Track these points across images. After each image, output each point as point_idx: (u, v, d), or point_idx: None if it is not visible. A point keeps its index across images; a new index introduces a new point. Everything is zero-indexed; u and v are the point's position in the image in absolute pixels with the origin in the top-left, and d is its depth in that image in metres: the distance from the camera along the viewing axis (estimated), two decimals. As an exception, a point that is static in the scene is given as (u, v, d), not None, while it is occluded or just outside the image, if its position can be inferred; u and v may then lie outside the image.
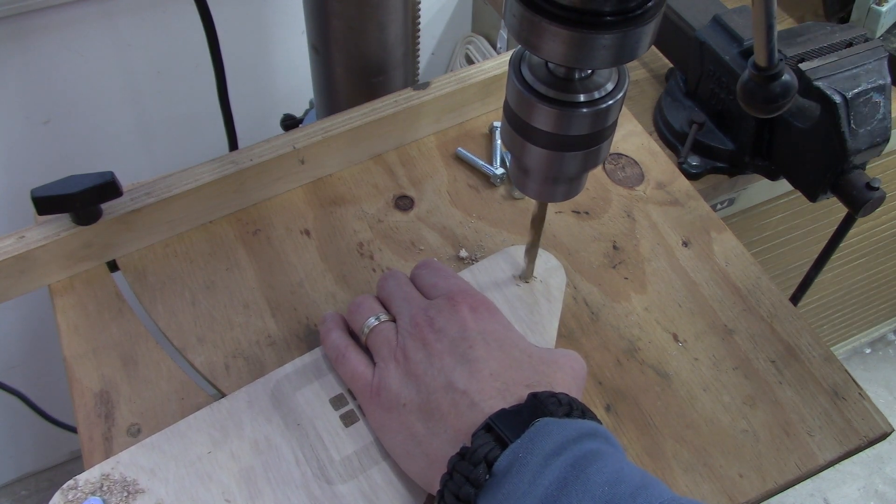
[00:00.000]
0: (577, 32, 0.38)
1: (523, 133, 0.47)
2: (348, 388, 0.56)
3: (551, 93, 0.44)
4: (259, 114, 1.19)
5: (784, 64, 0.38)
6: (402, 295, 0.56)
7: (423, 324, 0.52)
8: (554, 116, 0.44)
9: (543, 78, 0.44)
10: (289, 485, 0.51)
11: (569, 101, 0.44)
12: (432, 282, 0.57)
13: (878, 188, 0.72)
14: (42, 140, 1.04)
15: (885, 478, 1.70)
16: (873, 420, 0.59)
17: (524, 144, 0.47)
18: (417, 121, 0.72)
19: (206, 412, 0.55)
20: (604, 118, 0.45)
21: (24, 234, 0.61)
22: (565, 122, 0.45)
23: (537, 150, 0.47)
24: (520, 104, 0.46)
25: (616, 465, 0.42)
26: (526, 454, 0.43)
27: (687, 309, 0.64)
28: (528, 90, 0.45)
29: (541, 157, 0.47)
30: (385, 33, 0.76)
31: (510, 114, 0.47)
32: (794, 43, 0.74)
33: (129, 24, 0.99)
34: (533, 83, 0.45)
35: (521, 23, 0.40)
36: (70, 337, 0.61)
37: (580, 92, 0.44)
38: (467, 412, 0.47)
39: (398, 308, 0.55)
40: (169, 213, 0.65)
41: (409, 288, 0.57)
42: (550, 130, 0.45)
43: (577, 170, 0.48)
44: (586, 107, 0.44)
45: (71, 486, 0.51)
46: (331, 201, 0.70)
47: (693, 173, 0.82)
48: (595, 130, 0.46)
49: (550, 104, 0.44)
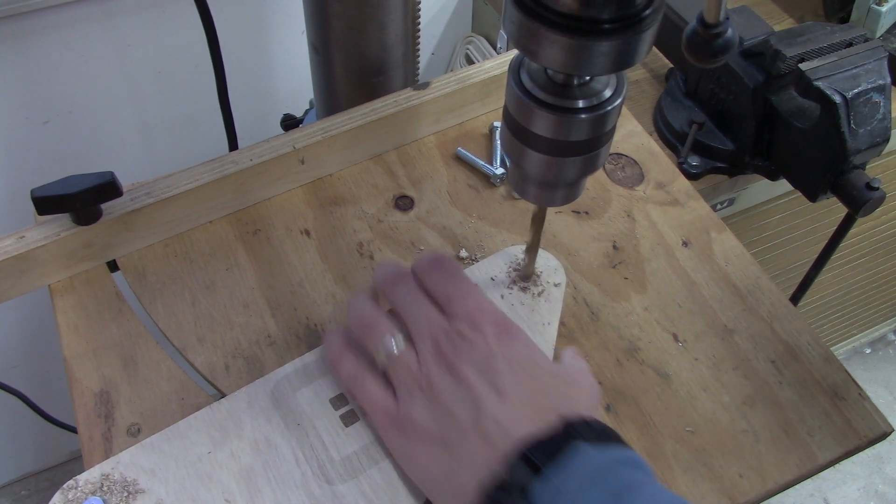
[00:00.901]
0: (576, 40, 0.38)
1: (522, 138, 0.47)
2: None
3: (550, 99, 0.44)
4: (259, 114, 1.19)
5: (729, 22, 0.38)
6: (420, 312, 0.52)
7: (448, 349, 0.50)
8: (553, 122, 0.44)
9: (542, 84, 0.44)
10: (289, 484, 0.51)
11: (568, 107, 0.44)
12: (447, 292, 0.53)
13: (878, 188, 0.72)
14: (42, 140, 1.04)
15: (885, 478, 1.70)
16: (873, 420, 0.59)
17: (523, 149, 0.47)
18: (417, 121, 0.72)
19: (205, 412, 0.55)
20: (603, 124, 0.45)
21: (24, 234, 0.61)
22: (564, 127, 0.45)
23: (536, 155, 0.47)
24: (519, 110, 0.46)
25: (656, 495, 0.42)
26: (563, 483, 0.42)
27: (687, 309, 0.64)
28: (526, 96, 0.45)
29: (540, 162, 0.47)
30: (385, 33, 0.76)
31: (509, 119, 0.47)
32: (794, 43, 0.74)
33: (129, 24, 0.99)
34: (532, 89, 0.45)
35: (520, 30, 0.40)
36: (70, 337, 0.61)
37: (579, 98, 0.44)
38: (499, 441, 0.46)
39: (417, 329, 0.52)
40: (169, 213, 0.65)
41: (425, 303, 0.53)
42: (549, 136, 0.45)
43: (576, 175, 0.48)
44: (585, 113, 0.44)
45: (71, 486, 0.51)
46: (331, 201, 0.70)
47: (693, 173, 0.82)
48: (594, 136, 0.46)
49: (549, 110, 0.44)
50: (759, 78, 0.75)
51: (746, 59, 0.77)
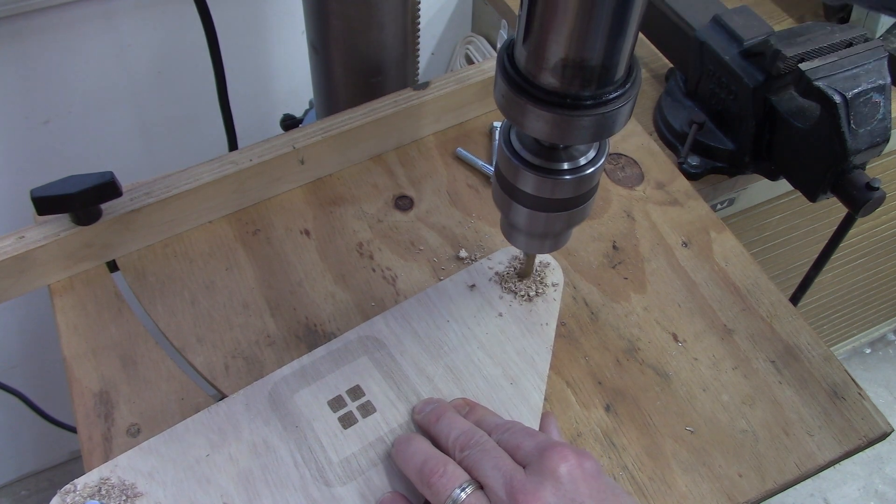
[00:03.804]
0: (558, 114, 0.41)
1: (510, 193, 0.49)
2: (346, 390, 0.56)
3: (536, 161, 0.47)
4: (259, 114, 1.19)
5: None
6: (493, 463, 0.48)
7: (519, 490, 0.46)
8: (539, 182, 0.47)
9: (530, 146, 0.47)
10: (287, 487, 0.51)
11: (553, 168, 0.47)
12: (516, 443, 0.49)
13: (878, 188, 0.72)
14: (42, 140, 1.04)
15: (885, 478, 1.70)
16: (873, 420, 0.59)
17: (511, 203, 0.50)
18: (417, 121, 0.72)
19: (203, 415, 0.55)
20: (587, 183, 0.48)
21: (24, 234, 0.61)
22: (550, 187, 0.47)
23: (524, 209, 0.50)
24: (507, 168, 0.48)
25: None
26: None
27: (686, 309, 0.64)
28: (515, 157, 0.47)
29: (527, 216, 0.50)
30: (385, 33, 0.76)
31: (499, 176, 0.50)
32: (794, 43, 0.74)
33: (129, 24, 0.99)
34: (520, 150, 0.47)
35: (508, 102, 0.43)
36: (70, 337, 0.61)
37: (564, 160, 0.47)
38: None
39: (489, 476, 0.47)
40: (169, 213, 0.65)
41: (497, 451, 0.49)
42: (536, 194, 0.48)
43: (561, 227, 0.51)
44: (570, 174, 0.47)
45: (69, 490, 0.51)
46: (330, 201, 0.70)
47: (693, 173, 0.82)
48: (578, 194, 0.48)
49: (535, 171, 0.47)
50: (759, 78, 0.75)
51: (746, 59, 0.77)
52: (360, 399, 0.55)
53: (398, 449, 0.51)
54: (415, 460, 0.50)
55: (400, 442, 0.52)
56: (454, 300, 0.61)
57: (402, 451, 0.51)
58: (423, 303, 0.61)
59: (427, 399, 0.55)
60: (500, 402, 0.56)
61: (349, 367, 0.57)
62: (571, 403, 0.59)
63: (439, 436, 0.51)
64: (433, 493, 0.48)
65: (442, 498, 0.47)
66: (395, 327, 0.59)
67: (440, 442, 0.51)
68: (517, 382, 0.57)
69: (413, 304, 0.61)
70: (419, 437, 0.52)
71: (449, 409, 0.53)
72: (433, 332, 0.59)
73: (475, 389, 0.56)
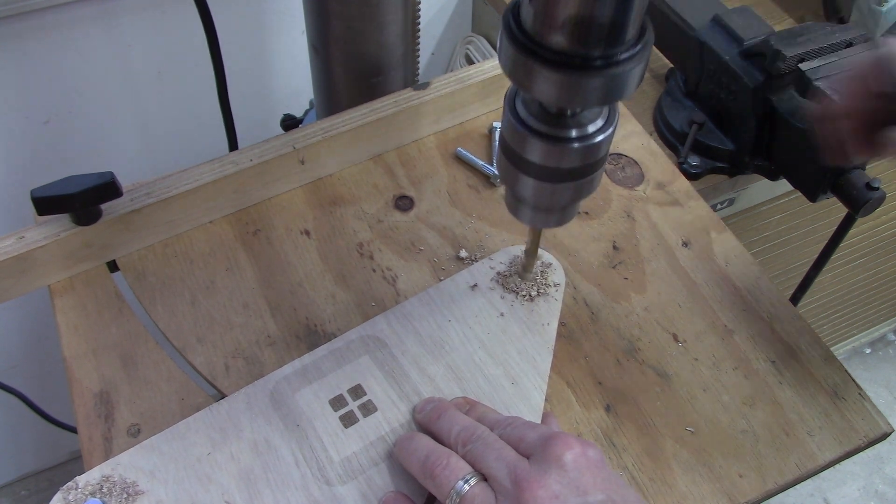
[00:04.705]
0: (567, 76, 0.40)
1: (516, 164, 0.48)
2: (347, 389, 0.56)
3: (543, 128, 0.45)
4: (259, 114, 1.19)
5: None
6: (496, 454, 0.48)
7: (524, 478, 0.46)
8: (546, 150, 0.46)
9: (536, 113, 0.46)
10: (288, 486, 0.51)
11: (560, 136, 0.45)
12: (519, 435, 0.49)
13: (878, 188, 0.72)
14: (42, 140, 1.04)
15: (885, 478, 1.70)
16: (873, 420, 0.59)
17: (517, 175, 0.48)
18: (417, 121, 0.72)
19: (205, 413, 0.55)
20: (595, 152, 0.46)
21: (24, 234, 0.61)
22: (557, 155, 0.46)
23: (530, 180, 0.48)
24: (513, 137, 0.47)
25: None
26: None
27: (687, 309, 0.64)
28: (521, 125, 0.46)
29: (533, 187, 0.49)
30: (385, 33, 0.76)
31: (504, 146, 0.49)
32: (794, 43, 0.74)
33: (129, 24, 0.99)
34: (526, 118, 0.46)
35: (514, 65, 0.41)
36: (70, 337, 0.61)
37: (572, 127, 0.45)
38: None
39: (493, 467, 0.47)
40: (169, 213, 0.65)
41: (500, 444, 0.49)
42: (542, 163, 0.47)
43: (568, 200, 0.50)
44: (578, 142, 0.45)
45: (71, 487, 0.51)
46: (331, 201, 0.70)
47: (693, 173, 0.82)
48: (586, 163, 0.47)
49: (542, 139, 0.45)
50: (759, 78, 0.75)
51: (746, 59, 0.77)
52: (361, 398, 0.55)
53: (401, 446, 0.51)
54: (417, 455, 0.50)
55: (402, 439, 0.52)
56: (455, 300, 0.61)
57: (405, 447, 0.51)
58: (424, 302, 0.61)
59: (428, 398, 0.55)
60: (501, 402, 0.56)
61: (350, 366, 0.57)
62: (572, 403, 0.59)
63: (441, 432, 0.51)
64: (437, 485, 0.48)
65: (446, 490, 0.47)
66: (396, 327, 0.59)
67: (442, 438, 0.51)
68: (518, 382, 0.57)
69: (414, 304, 0.61)
70: (421, 434, 0.52)
71: (450, 407, 0.53)
72: (434, 331, 0.59)
73: (476, 389, 0.56)
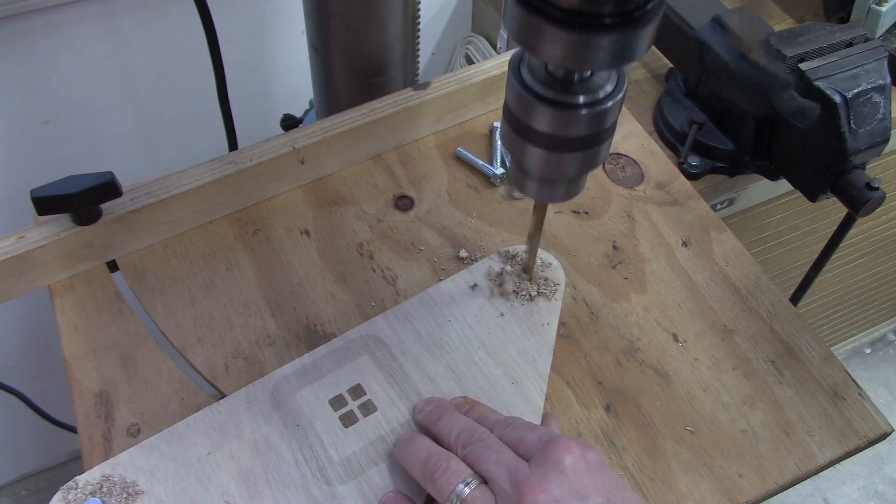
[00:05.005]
0: (576, 35, 0.38)
1: (522, 134, 0.46)
2: (347, 389, 0.56)
3: (550, 94, 0.44)
4: (259, 114, 1.19)
5: None
6: (496, 457, 0.48)
7: (524, 482, 0.45)
8: (553, 118, 0.44)
9: (542, 79, 0.44)
10: (288, 486, 0.51)
11: (568, 102, 0.44)
12: (518, 437, 0.49)
13: (878, 188, 0.72)
14: (42, 140, 1.04)
15: (885, 478, 1.70)
16: (873, 420, 0.59)
17: (523, 145, 0.47)
18: (417, 121, 0.72)
19: (205, 413, 0.55)
20: (603, 119, 0.45)
21: (24, 234, 0.61)
22: (564, 123, 0.45)
23: (536, 150, 0.47)
24: (519, 105, 0.46)
25: None
26: None
27: (687, 309, 0.64)
28: (527, 91, 0.44)
29: (540, 158, 0.47)
30: (385, 33, 0.76)
31: (509, 115, 0.47)
32: (794, 43, 0.74)
33: (129, 24, 0.99)
34: (532, 84, 0.44)
35: (520, 25, 0.40)
36: (70, 337, 0.61)
37: (579, 93, 0.44)
38: None
39: (493, 470, 0.47)
40: (169, 213, 0.65)
41: (500, 446, 0.49)
42: (549, 132, 0.45)
43: (576, 171, 0.48)
44: (585, 108, 0.44)
45: (71, 487, 0.51)
46: (330, 201, 0.70)
47: (693, 173, 0.82)
48: (594, 132, 0.45)
49: (549, 105, 0.44)
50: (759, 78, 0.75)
51: (746, 59, 0.77)
52: (361, 398, 0.55)
53: (400, 448, 0.51)
54: (417, 457, 0.50)
55: (402, 441, 0.52)
56: (456, 300, 0.61)
57: (405, 449, 0.51)
58: (424, 302, 0.61)
59: (427, 399, 0.55)
60: (502, 402, 0.56)
61: (350, 365, 0.57)
62: (572, 403, 0.59)
63: (441, 434, 0.51)
64: (437, 488, 0.48)
65: (446, 493, 0.47)
66: (396, 326, 0.59)
67: (442, 440, 0.51)
68: (518, 382, 0.57)
69: (415, 304, 0.61)
70: (421, 436, 0.52)
71: (450, 408, 0.53)
72: (435, 331, 0.59)
73: (476, 389, 0.56)
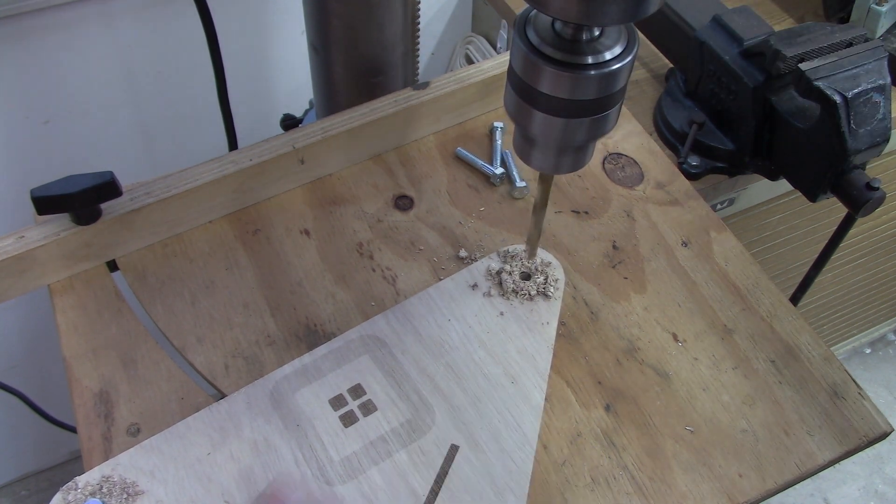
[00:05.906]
0: None
1: (528, 99, 0.45)
2: (347, 389, 0.56)
3: (558, 55, 0.42)
4: (259, 114, 1.19)
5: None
6: None
7: None
8: (561, 79, 0.43)
9: (550, 40, 0.43)
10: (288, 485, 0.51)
11: (576, 63, 0.42)
12: None
13: (878, 188, 0.72)
14: (42, 140, 1.04)
15: (885, 478, 1.70)
16: (873, 420, 0.59)
17: (529, 111, 0.45)
18: (417, 121, 0.72)
19: (204, 413, 0.55)
20: (612, 82, 0.43)
21: (24, 234, 0.61)
22: (572, 85, 0.43)
23: (543, 116, 0.45)
24: (525, 68, 0.44)
25: None
26: None
27: (686, 309, 0.64)
28: (533, 53, 0.43)
29: (546, 124, 0.45)
30: (385, 33, 0.76)
31: (515, 80, 0.45)
32: (794, 43, 0.74)
33: (129, 24, 0.99)
34: (539, 45, 0.43)
35: None
36: (70, 337, 0.61)
37: (588, 54, 0.42)
38: None
39: None
40: (169, 213, 0.65)
41: None
42: (557, 95, 0.43)
43: (583, 138, 0.46)
44: (594, 69, 0.42)
45: (71, 488, 0.51)
46: (330, 201, 0.70)
47: (693, 173, 0.82)
48: (603, 95, 0.44)
49: (557, 66, 0.42)
50: (759, 78, 0.75)
51: (746, 59, 0.77)
52: (361, 398, 0.55)
53: None
54: None
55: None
56: (455, 299, 0.61)
57: None
58: (424, 302, 0.61)
59: None
60: (501, 401, 0.56)
61: (350, 365, 0.57)
62: (571, 403, 0.59)
63: None
64: None
65: None
66: (396, 326, 0.59)
67: None
68: (518, 381, 0.57)
69: (414, 304, 0.61)
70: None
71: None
72: (434, 330, 0.59)
73: (476, 388, 0.56)
